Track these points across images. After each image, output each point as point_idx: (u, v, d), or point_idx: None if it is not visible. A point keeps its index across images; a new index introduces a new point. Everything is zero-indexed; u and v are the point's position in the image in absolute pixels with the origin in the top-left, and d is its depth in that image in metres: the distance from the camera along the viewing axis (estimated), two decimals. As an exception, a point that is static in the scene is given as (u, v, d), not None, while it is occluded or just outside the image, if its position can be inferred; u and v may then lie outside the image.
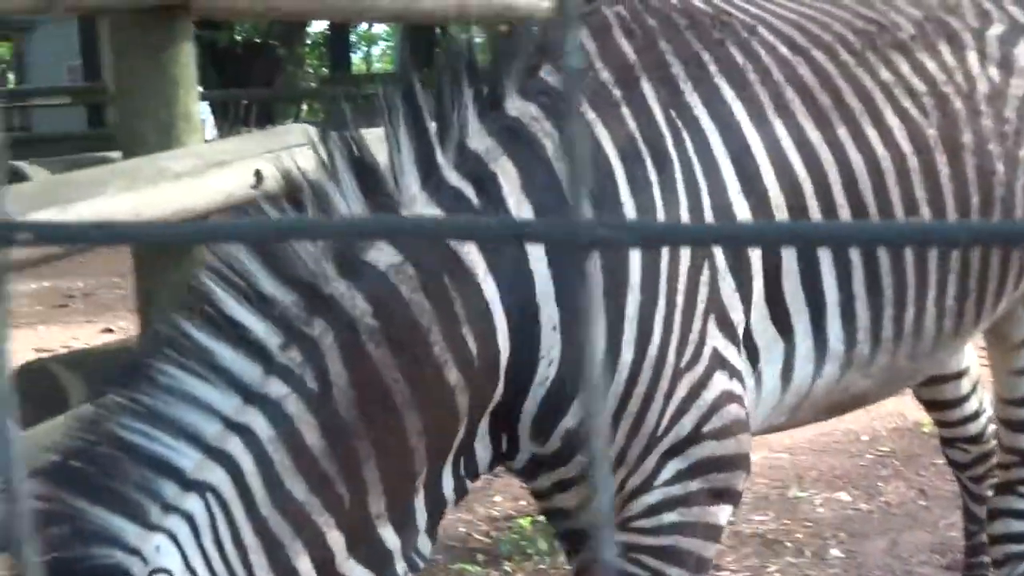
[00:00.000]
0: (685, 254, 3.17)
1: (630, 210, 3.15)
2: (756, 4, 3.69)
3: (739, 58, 3.44)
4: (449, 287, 2.98)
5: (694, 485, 3.19)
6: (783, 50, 3.51)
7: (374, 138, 3.08)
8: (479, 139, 3.14)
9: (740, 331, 3.25)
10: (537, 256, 3.05)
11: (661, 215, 3.19)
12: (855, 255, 3.44)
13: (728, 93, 3.35)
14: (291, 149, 4.04)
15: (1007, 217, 3.74)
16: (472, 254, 3.01)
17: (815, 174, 3.37)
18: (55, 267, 9.71)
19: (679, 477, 3.18)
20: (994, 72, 3.71)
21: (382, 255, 2.94)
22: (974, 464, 4.84)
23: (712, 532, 3.27)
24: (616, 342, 3.07)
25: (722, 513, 3.26)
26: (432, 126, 3.09)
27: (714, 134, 3.29)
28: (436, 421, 2.97)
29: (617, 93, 3.26)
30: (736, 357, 3.24)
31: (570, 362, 3.03)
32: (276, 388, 2.83)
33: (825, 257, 3.39)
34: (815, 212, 3.38)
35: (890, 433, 7.05)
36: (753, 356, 3.31)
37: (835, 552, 5.64)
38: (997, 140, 3.67)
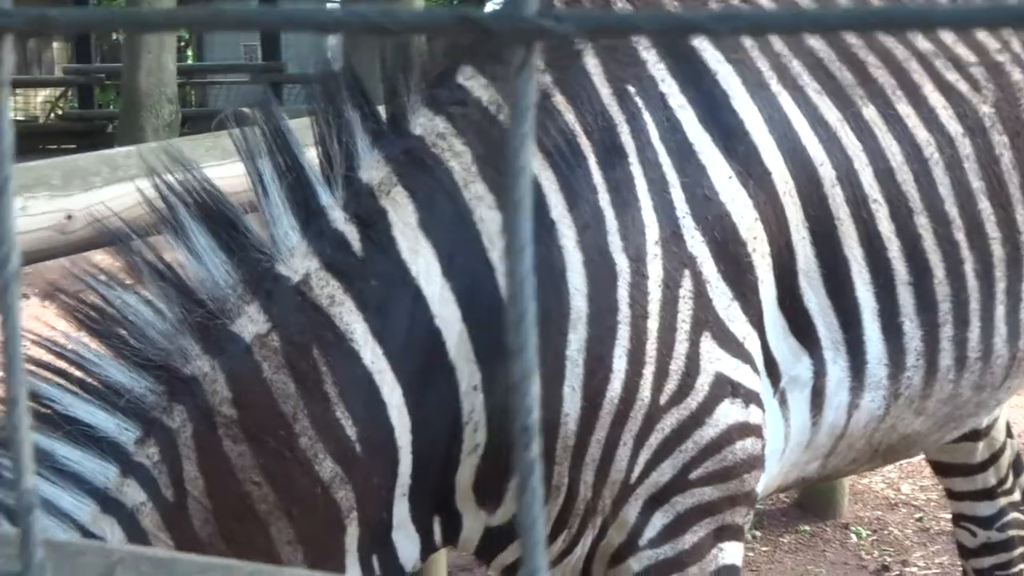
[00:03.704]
0: (654, 268, 2.59)
1: (566, 228, 2.57)
2: None
3: None
4: (318, 360, 2.47)
5: (686, 541, 2.69)
6: None
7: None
8: (372, 168, 2.58)
9: (751, 346, 2.70)
10: (446, 309, 2.52)
11: (614, 226, 2.59)
12: (898, 259, 2.84)
13: (711, 58, 2.77)
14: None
15: None
16: (347, 315, 2.49)
17: (836, 159, 2.79)
18: None
19: (666, 535, 2.68)
20: None
21: (249, 324, 2.46)
22: (980, 553, 4.00)
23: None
24: (553, 390, 2.54)
25: (729, 553, 2.75)
26: (307, 159, 2.56)
27: (686, 111, 2.70)
28: (312, 525, 2.48)
29: (546, 80, 2.66)
30: (751, 378, 2.69)
31: (502, 423, 2.52)
32: (133, 494, 2.40)
33: (856, 259, 2.80)
34: (839, 205, 2.79)
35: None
36: (773, 374, 2.77)
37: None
38: None
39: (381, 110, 2.67)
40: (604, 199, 2.59)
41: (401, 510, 2.56)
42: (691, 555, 2.70)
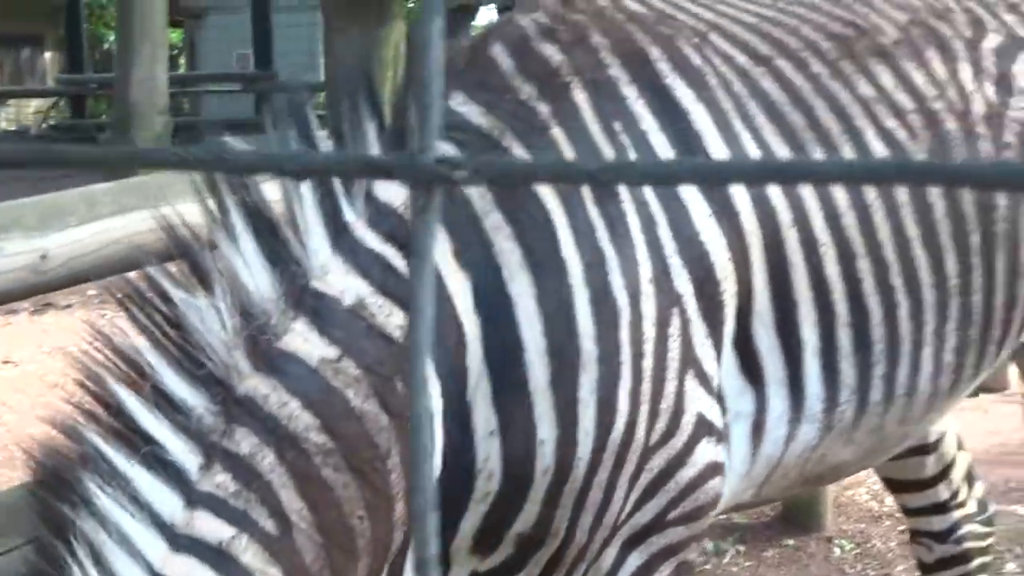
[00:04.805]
0: (648, 307, 2.61)
1: (575, 267, 2.57)
2: (704, 6, 3.06)
3: (695, 58, 2.86)
4: (403, 395, 2.37)
5: None
6: (741, 60, 2.92)
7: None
8: (390, 186, 2.52)
9: (716, 384, 2.75)
10: (473, 346, 2.49)
11: (614, 263, 2.60)
12: (840, 302, 2.91)
13: (685, 96, 2.80)
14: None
15: (1011, 262, 3.15)
16: None
17: (792, 202, 2.85)
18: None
19: None
20: (990, 90, 3.12)
21: (308, 346, 2.35)
22: (937, 568, 4.06)
23: None
24: (569, 434, 2.53)
25: None
26: None
27: (667, 149, 2.74)
28: (376, 564, 2.41)
29: (543, 110, 2.67)
30: (719, 416, 2.75)
31: (516, 473, 2.51)
32: (211, 529, 2.23)
33: (804, 300, 2.86)
34: (794, 249, 2.84)
35: (1071, 444, 6.72)
36: (721, 409, 2.81)
37: (1011, 567, 5.38)
38: None
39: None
40: (603, 236, 2.61)
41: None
42: None
